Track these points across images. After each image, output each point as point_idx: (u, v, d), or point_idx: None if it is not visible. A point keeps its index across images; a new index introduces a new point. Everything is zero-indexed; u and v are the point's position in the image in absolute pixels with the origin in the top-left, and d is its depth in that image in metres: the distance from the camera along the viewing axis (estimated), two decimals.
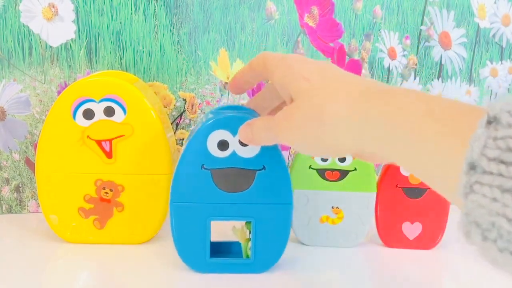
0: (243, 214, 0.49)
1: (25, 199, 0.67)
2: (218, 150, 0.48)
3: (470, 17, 0.76)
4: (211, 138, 0.48)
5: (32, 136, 0.66)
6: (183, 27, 0.68)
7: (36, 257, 0.55)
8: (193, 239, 0.50)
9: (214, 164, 0.48)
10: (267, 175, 0.48)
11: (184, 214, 0.49)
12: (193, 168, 0.48)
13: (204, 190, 0.49)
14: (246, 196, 0.49)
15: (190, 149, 0.48)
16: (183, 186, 0.49)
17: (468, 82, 0.77)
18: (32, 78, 0.65)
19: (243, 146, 0.47)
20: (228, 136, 0.48)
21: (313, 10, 0.71)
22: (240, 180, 0.48)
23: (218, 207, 0.49)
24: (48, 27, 0.64)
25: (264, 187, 0.48)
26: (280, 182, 0.48)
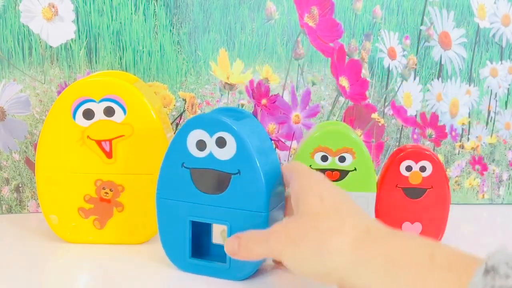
0: (220, 217, 0.48)
1: (25, 199, 0.67)
2: (197, 150, 0.48)
3: (470, 17, 0.76)
4: (191, 136, 0.48)
5: (32, 136, 0.66)
6: (183, 27, 0.68)
7: (36, 257, 0.55)
8: (175, 236, 0.50)
9: (193, 163, 0.48)
10: (242, 180, 0.47)
11: (167, 210, 0.50)
12: (175, 166, 0.49)
13: (185, 189, 0.49)
14: (222, 199, 0.48)
15: (172, 146, 0.49)
16: (167, 183, 0.49)
17: (468, 82, 0.77)
18: (32, 78, 0.65)
19: (220, 148, 0.47)
20: (206, 136, 0.47)
21: (313, 10, 0.71)
22: (216, 182, 0.48)
23: (197, 207, 0.49)
24: (48, 27, 0.64)
25: (239, 192, 0.47)
26: (255, 189, 0.47)
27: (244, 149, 0.46)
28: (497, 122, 0.79)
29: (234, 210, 0.48)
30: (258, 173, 0.46)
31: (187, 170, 0.48)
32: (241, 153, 0.47)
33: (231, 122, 0.46)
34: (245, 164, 0.47)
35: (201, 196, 0.48)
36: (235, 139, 0.46)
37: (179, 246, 0.50)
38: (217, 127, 0.47)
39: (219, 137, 0.47)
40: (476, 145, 0.79)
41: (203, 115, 0.49)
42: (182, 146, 0.48)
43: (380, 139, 0.76)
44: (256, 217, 0.47)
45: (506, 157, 0.80)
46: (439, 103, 0.77)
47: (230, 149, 0.47)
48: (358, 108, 0.75)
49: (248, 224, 0.47)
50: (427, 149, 0.61)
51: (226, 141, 0.47)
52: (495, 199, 0.81)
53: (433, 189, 0.60)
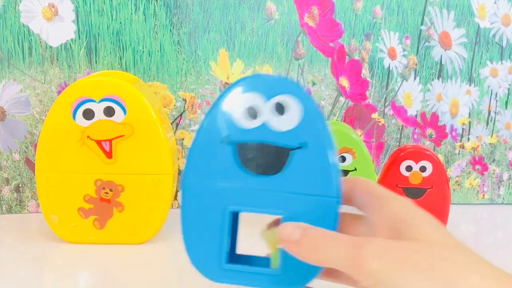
0: (272, 204, 0.37)
1: (25, 199, 0.67)
2: (245, 119, 0.37)
3: (470, 17, 0.76)
4: (238, 102, 0.37)
5: (32, 136, 0.66)
6: (183, 27, 0.68)
7: (36, 257, 0.55)
8: (206, 233, 0.38)
9: (239, 136, 0.37)
10: (307, 156, 0.37)
11: (198, 199, 0.38)
12: (213, 140, 0.38)
13: (225, 169, 0.38)
14: (277, 181, 0.37)
15: (211, 115, 0.38)
16: (200, 162, 0.38)
17: (468, 82, 0.77)
18: (32, 78, 0.65)
19: (279, 115, 0.37)
20: (260, 101, 0.37)
21: (313, 10, 0.71)
22: (270, 160, 0.37)
23: (241, 193, 0.37)
24: (48, 27, 0.64)
25: (302, 172, 0.37)
26: (325, 167, 0.36)
27: (312, 116, 0.37)
28: (497, 122, 0.79)
29: (293, 195, 0.37)
30: (329, 147, 0.36)
31: (230, 145, 0.38)
32: (308, 121, 0.37)
33: (295, 83, 0.38)
34: (313, 135, 0.37)
35: (248, 178, 0.37)
36: (302, 103, 0.37)
37: (211, 248, 0.38)
38: (277, 88, 0.37)
39: (278, 102, 0.37)
40: (476, 145, 0.79)
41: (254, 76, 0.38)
42: (225, 115, 0.37)
43: (380, 139, 0.76)
44: (324, 204, 0.37)
45: (506, 157, 0.80)
46: (440, 103, 0.77)
47: (292, 116, 0.37)
48: (359, 108, 0.75)
49: (312, 213, 0.37)
50: (427, 149, 0.61)
51: (287, 107, 0.37)
52: (496, 199, 0.81)
53: (433, 189, 0.60)
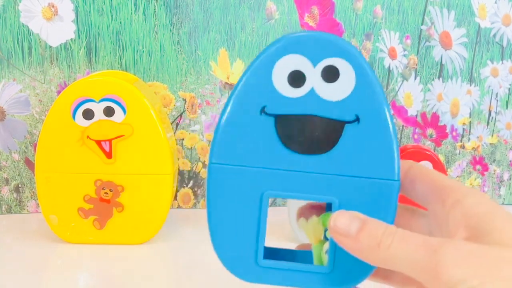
0: (320, 190, 0.32)
1: (25, 199, 0.67)
2: (289, 86, 0.31)
3: (470, 17, 0.76)
4: (279, 66, 0.31)
5: (31, 136, 0.66)
6: (183, 27, 0.68)
7: (35, 257, 0.55)
8: (239, 224, 0.32)
9: (280, 107, 0.31)
10: (362, 131, 0.31)
11: (227, 182, 0.32)
12: (248, 112, 0.32)
13: (262, 147, 0.32)
14: (327, 161, 0.31)
15: (247, 82, 0.32)
16: (231, 139, 0.32)
17: (469, 82, 0.77)
18: (32, 78, 0.65)
19: (329, 82, 0.31)
20: (306, 65, 0.31)
21: (313, 10, 0.71)
22: (318, 135, 0.32)
23: (281, 176, 0.32)
24: (47, 27, 0.64)
25: (357, 151, 0.31)
26: (384, 145, 0.31)
27: (367, 84, 0.31)
28: (498, 122, 0.79)
29: (345, 178, 0.32)
30: (388, 122, 0.31)
31: (270, 118, 0.32)
32: (363, 90, 0.31)
33: (347, 44, 0.31)
34: (369, 107, 0.31)
35: (290, 157, 0.32)
36: (355, 69, 0.31)
37: (246, 242, 0.32)
38: (326, 50, 0.31)
39: (328, 67, 0.31)
40: (477, 145, 0.79)
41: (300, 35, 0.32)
42: (263, 82, 0.31)
43: None
44: (383, 189, 0.31)
45: (507, 157, 0.80)
46: (440, 103, 0.77)
47: (345, 84, 0.31)
48: None
49: (368, 200, 0.31)
50: (427, 149, 0.61)
51: (339, 72, 0.31)
52: (496, 200, 0.81)
53: None
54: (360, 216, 0.29)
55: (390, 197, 0.31)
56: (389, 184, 0.31)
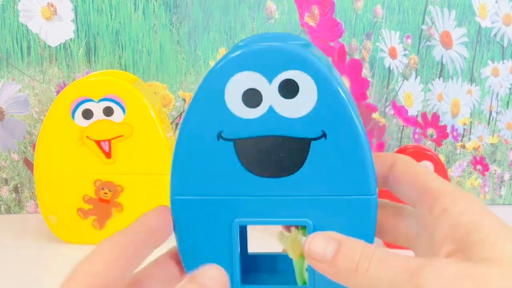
0: (292, 213, 0.29)
1: (24, 200, 0.67)
2: (245, 107, 0.28)
3: (471, 17, 0.75)
4: (231, 87, 0.28)
5: (31, 136, 0.66)
6: (183, 27, 0.68)
7: (34, 258, 0.54)
8: (212, 255, 0.30)
9: (238, 131, 0.29)
10: (331, 147, 0.28)
11: (192, 215, 0.30)
12: (204, 138, 0.29)
13: (225, 175, 0.29)
14: (296, 183, 0.29)
15: (196, 107, 0.29)
16: (190, 169, 0.29)
17: (469, 82, 0.77)
18: (31, 77, 0.65)
19: (288, 98, 0.28)
20: (261, 82, 0.28)
21: (313, 10, 0.71)
22: (283, 156, 0.29)
23: (249, 203, 0.29)
24: (47, 26, 0.64)
25: (327, 168, 0.29)
26: (354, 160, 0.28)
27: (331, 95, 0.28)
28: (498, 122, 0.79)
29: (319, 199, 0.29)
30: (359, 134, 0.28)
31: (228, 143, 0.29)
32: (327, 102, 0.28)
33: (305, 54, 0.28)
34: (335, 120, 0.28)
35: (257, 182, 0.29)
36: (315, 80, 0.28)
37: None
38: (281, 64, 0.28)
39: (285, 81, 0.28)
40: (477, 145, 0.79)
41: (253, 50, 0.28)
42: (216, 105, 0.28)
43: (381, 139, 0.76)
44: (359, 205, 0.29)
45: (507, 157, 0.80)
46: (440, 103, 0.77)
47: (306, 98, 0.28)
48: (359, 108, 0.75)
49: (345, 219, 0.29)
50: (428, 149, 0.61)
51: (298, 86, 0.28)
52: (497, 200, 0.80)
53: None
54: (336, 236, 0.27)
55: (368, 213, 0.29)
56: (365, 200, 0.29)
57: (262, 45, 0.28)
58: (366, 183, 0.29)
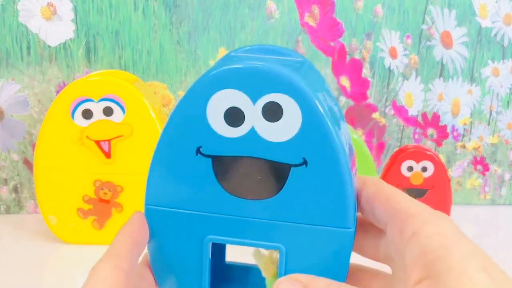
0: (266, 237, 0.28)
1: (24, 200, 0.67)
2: (226, 125, 0.28)
3: (471, 16, 0.75)
4: (214, 103, 0.27)
5: (30, 136, 0.66)
6: (183, 26, 0.68)
7: (34, 258, 0.54)
8: (180, 268, 0.30)
9: (217, 148, 0.28)
10: (311, 175, 0.27)
11: (165, 226, 0.30)
12: (183, 151, 0.28)
13: (201, 190, 0.29)
14: (272, 207, 0.28)
15: (178, 118, 0.28)
16: (166, 180, 0.29)
17: (470, 82, 0.77)
18: (31, 77, 0.64)
19: (271, 121, 0.27)
20: (245, 101, 0.27)
21: (313, 9, 0.71)
22: (261, 180, 0.28)
23: (223, 221, 0.29)
24: (46, 26, 0.64)
25: (305, 196, 0.28)
26: (334, 190, 0.27)
27: (315, 123, 0.27)
28: (498, 122, 0.79)
29: (293, 226, 0.28)
30: (340, 165, 0.27)
31: (206, 159, 0.28)
32: (311, 129, 0.27)
33: (292, 77, 0.27)
34: (317, 148, 0.27)
35: (231, 202, 0.28)
36: (300, 106, 0.27)
37: (188, 285, 0.30)
38: (266, 85, 0.27)
39: (270, 103, 0.27)
40: (477, 145, 0.79)
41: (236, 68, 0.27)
42: (197, 120, 0.28)
43: (381, 139, 0.76)
44: (335, 236, 0.28)
45: (508, 157, 0.80)
46: (441, 103, 0.77)
47: (290, 123, 0.27)
48: (359, 108, 0.74)
49: (319, 249, 0.28)
50: (428, 149, 0.61)
51: (282, 110, 0.27)
52: (497, 200, 0.80)
53: (435, 190, 0.60)
54: (301, 278, 0.26)
55: (343, 246, 0.28)
56: (341, 233, 0.27)
57: (250, 64, 0.27)
58: (344, 216, 0.27)
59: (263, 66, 0.27)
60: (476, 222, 0.75)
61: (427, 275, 0.24)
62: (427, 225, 0.25)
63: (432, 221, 0.25)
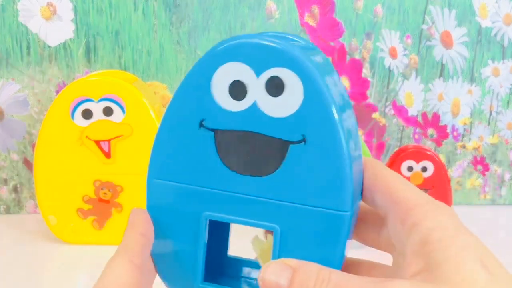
0: (261, 216, 0.28)
1: (23, 200, 0.67)
2: (230, 98, 0.28)
3: (471, 16, 0.75)
4: (219, 76, 0.27)
5: (30, 136, 0.66)
6: (183, 26, 0.68)
7: (34, 258, 0.54)
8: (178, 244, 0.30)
9: (220, 122, 0.28)
10: (309, 154, 0.27)
11: (166, 200, 0.30)
12: (186, 125, 0.28)
13: (202, 165, 0.28)
14: (269, 185, 0.28)
15: (182, 94, 0.29)
16: (169, 154, 0.29)
17: (470, 82, 0.77)
18: (31, 77, 0.64)
19: (273, 96, 0.27)
20: (249, 74, 0.27)
21: (313, 9, 0.71)
22: (260, 155, 0.28)
23: (221, 198, 0.28)
24: (46, 26, 0.64)
25: (302, 175, 0.27)
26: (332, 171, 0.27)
27: (317, 99, 0.26)
28: (498, 122, 0.79)
29: (289, 206, 0.28)
30: (339, 144, 0.26)
31: (208, 132, 0.28)
32: (312, 106, 0.27)
33: (296, 53, 0.27)
34: (317, 126, 0.27)
35: (232, 178, 0.28)
36: (303, 82, 0.26)
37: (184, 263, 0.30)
38: (271, 59, 0.27)
39: (272, 77, 0.27)
40: (477, 145, 0.79)
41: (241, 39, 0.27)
42: (201, 93, 0.28)
43: (381, 139, 0.76)
44: (331, 220, 0.27)
45: (508, 157, 0.79)
46: (441, 103, 0.77)
47: (291, 98, 0.27)
48: (359, 108, 0.74)
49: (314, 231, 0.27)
50: (428, 149, 0.61)
51: (284, 85, 0.27)
52: (497, 200, 0.80)
53: (435, 190, 0.60)
54: (290, 263, 0.25)
55: (339, 230, 0.27)
56: (338, 216, 0.27)
57: (255, 40, 0.27)
58: (341, 198, 0.26)
59: (269, 41, 0.27)
60: (476, 222, 0.75)
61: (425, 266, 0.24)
62: (429, 217, 0.25)
63: (433, 213, 0.25)
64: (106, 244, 0.57)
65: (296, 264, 0.25)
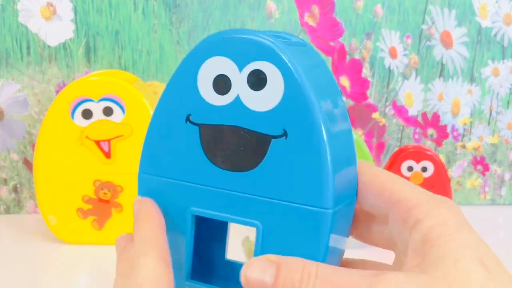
0: (243, 212, 0.28)
1: (23, 200, 0.67)
2: (214, 93, 0.28)
3: (471, 16, 0.75)
4: (205, 70, 0.28)
5: (30, 136, 0.65)
6: (183, 26, 0.68)
7: (34, 258, 0.54)
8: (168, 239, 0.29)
9: (205, 116, 0.28)
10: (290, 148, 0.26)
11: (155, 194, 0.30)
12: (174, 120, 0.29)
13: (188, 160, 0.29)
14: (251, 181, 0.27)
15: (171, 89, 0.30)
16: (158, 149, 0.30)
17: (470, 82, 0.77)
18: (30, 77, 0.64)
19: (255, 90, 0.27)
20: (232, 68, 0.27)
21: (313, 9, 0.71)
22: (243, 150, 0.27)
23: (205, 193, 0.28)
24: (46, 26, 0.64)
25: (284, 171, 0.27)
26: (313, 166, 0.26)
27: (297, 93, 0.26)
28: (498, 122, 0.79)
29: (271, 202, 0.27)
30: (319, 138, 0.26)
31: (194, 127, 0.28)
32: (293, 100, 0.26)
33: (277, 46, 0.26)
34: (298, 119, 0.26)
35: (216, 173, 0.28)
36: (283, 75, 0.26)
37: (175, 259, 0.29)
38: (253, 53, 0.27)
39: (254, 71, 0.27)
40: (477, 145, 0.79)
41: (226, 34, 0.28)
42: (189, 86, 0.28)
43: (381, 139, 0.76)
44: (312, 217, 0.26)
45: (508, 157, 0.79)
46: (441, 103, 0.77)
47: (273, 92, 0.26)
48: (359, 108, 0.74)
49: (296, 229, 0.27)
50: (428, 149, 0.61)
51: (266, 78, 0.27)
52: (497, 200, 0.80)
53: (435, 190, 0.60)
54: (273, 258, 0.25)
55: (319, 228, 0.26)
56: (318, 213, 0.26)
57: (238, 34, 0.27)
58: (322, 195, 0.26)
59: (251, 34, 0.27)
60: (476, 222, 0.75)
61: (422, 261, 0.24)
62: (430, 215, 0.25)
63: (435, 211, 0.25)
64: (106, 244, 0.57)
65: (279, 260, 0.25)
